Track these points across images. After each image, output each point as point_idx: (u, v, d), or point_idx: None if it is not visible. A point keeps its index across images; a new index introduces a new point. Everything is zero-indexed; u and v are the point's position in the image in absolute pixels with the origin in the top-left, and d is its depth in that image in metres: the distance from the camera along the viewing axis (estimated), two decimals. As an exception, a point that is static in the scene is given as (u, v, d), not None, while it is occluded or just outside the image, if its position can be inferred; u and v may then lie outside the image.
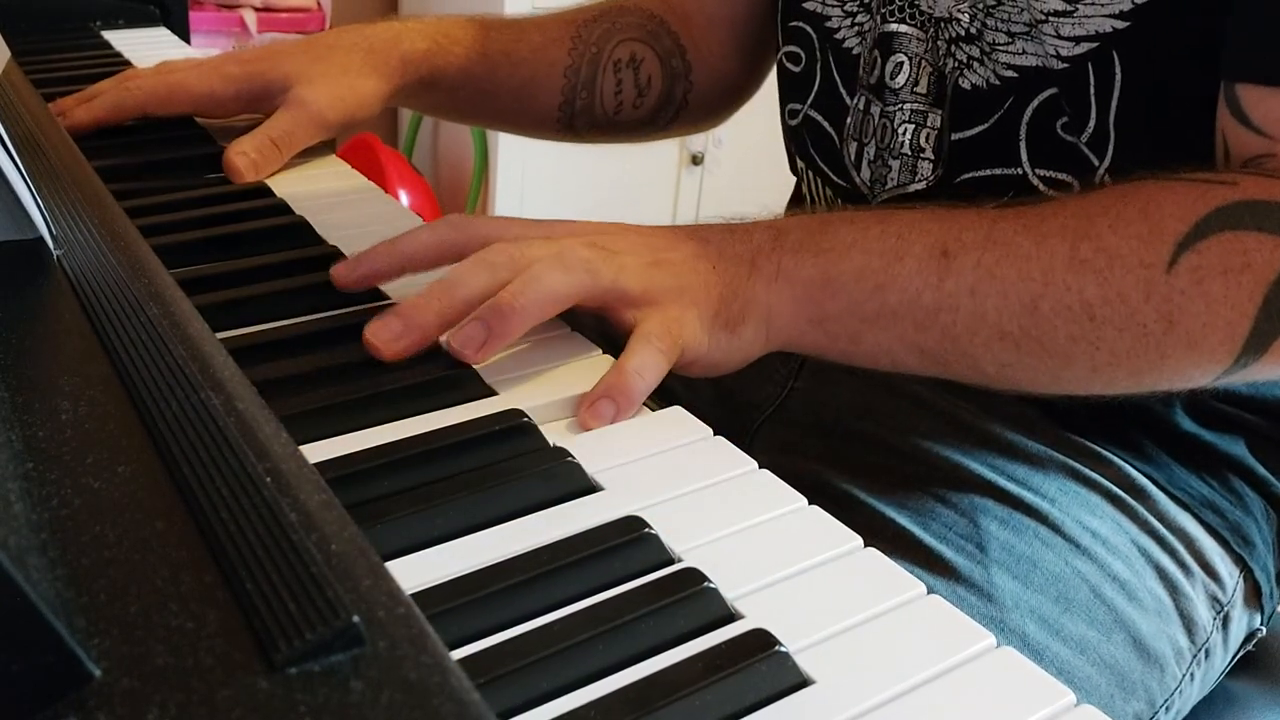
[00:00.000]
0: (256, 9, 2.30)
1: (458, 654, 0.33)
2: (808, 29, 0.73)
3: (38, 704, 0.24)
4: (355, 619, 0.25)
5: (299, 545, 0.28)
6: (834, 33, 0.72)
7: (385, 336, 0.48)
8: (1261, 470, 0.65)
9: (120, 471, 0.32)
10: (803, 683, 0.33)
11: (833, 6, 0.71)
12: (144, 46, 1.01)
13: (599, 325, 0.56)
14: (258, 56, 0.77)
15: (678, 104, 0.86)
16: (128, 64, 0.94)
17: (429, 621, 0.27)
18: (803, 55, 0.75)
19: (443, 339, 0.50)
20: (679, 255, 0.53)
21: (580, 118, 0.85)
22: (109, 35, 1.06)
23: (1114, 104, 0.59)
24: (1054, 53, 0.59)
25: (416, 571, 0.36)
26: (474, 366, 0.48)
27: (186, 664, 0.25)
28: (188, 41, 1.10)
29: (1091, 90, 0.59)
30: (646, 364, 0.49)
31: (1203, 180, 0.52)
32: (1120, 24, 0.57)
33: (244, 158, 0.70)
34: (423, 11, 2.49)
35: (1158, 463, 0.63)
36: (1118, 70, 0.58)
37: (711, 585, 0.36)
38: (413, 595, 0.30)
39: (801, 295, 0.54)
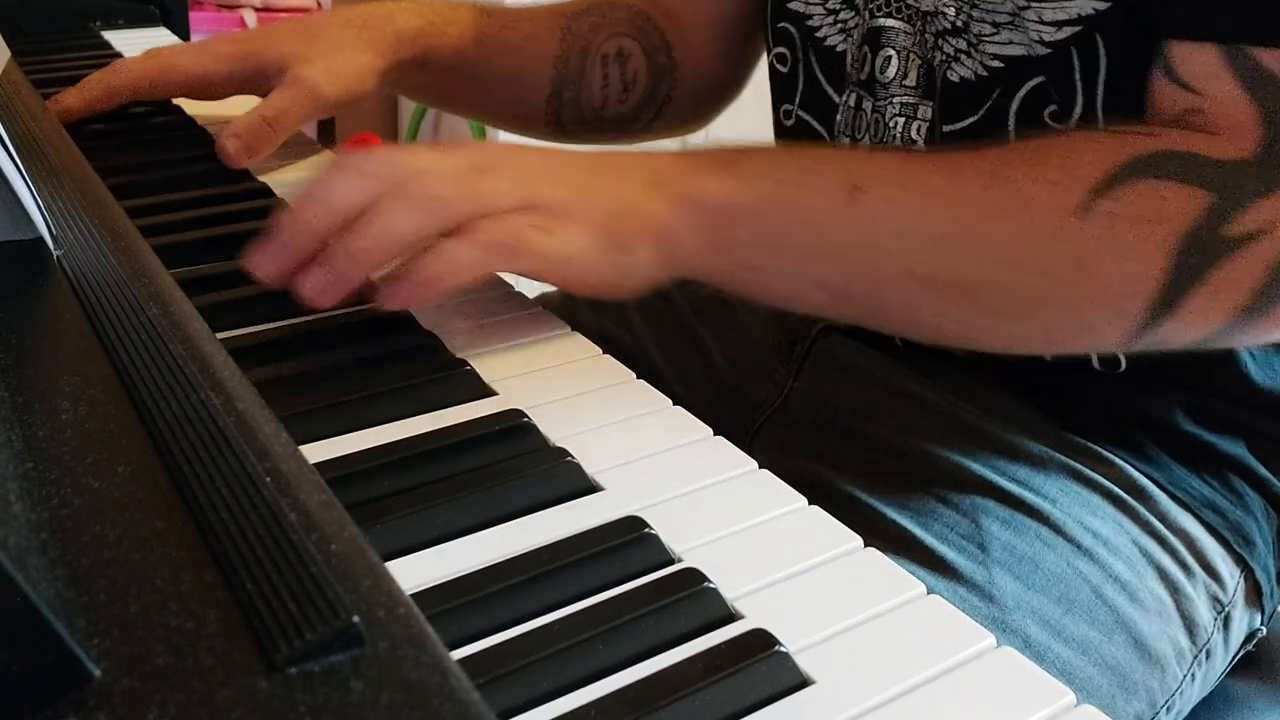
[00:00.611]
0: (256, 9, 2.30)
1: (458, 654, 0.33)
2: (792, 29, 0.74)
3: (38, 704, 0.24)
4: (355, 619, 0.25)
5: (299, 545, 0.28)
6: (815, 31, 0.72)
7: (315, 289, 0.47)
8: (1262, 470, 0.65)
9: (120, 471, 0.32)
10: (803, 683, 0.33)
11: (814, 5, 0.71)
12: (144, 47, 1.00)
13: (599, 325, 0.57)
14: (251, 37, 0.76)
15: (661, 101, 0.85)
16: (128, 64, 0.94)
17: (429, 622, 0.27)
18: (789, 56, 0.75)
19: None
20: (575, 173, 0.51)
21: (568, 110, 0.84)
22: (109, 35, 1.06)
23: (1100, 87, 0.59)
24: (1038, 39, 0.59)
25: (416, 571, 0.36)
26: (473, 367, 0.48)
27: (186, 664, 0.25)
28: (187, 41, 1.10)
29: (1077, 74, 0.59)
30: (457, 259, 0.48)
31: (1122, 130, 0.52)
32: (1101, 5, 0.57)
33: (235, 140, 0.69)
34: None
35: (1158, 463, 0.63)
36: (1101, 53, 0.58)
37: (711, 585, 0.36)
38: (413, 595, 0.30)
39: (706, 220, 0.51)
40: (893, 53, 0.66)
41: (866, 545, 0.40)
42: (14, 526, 0.28)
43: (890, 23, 0.66)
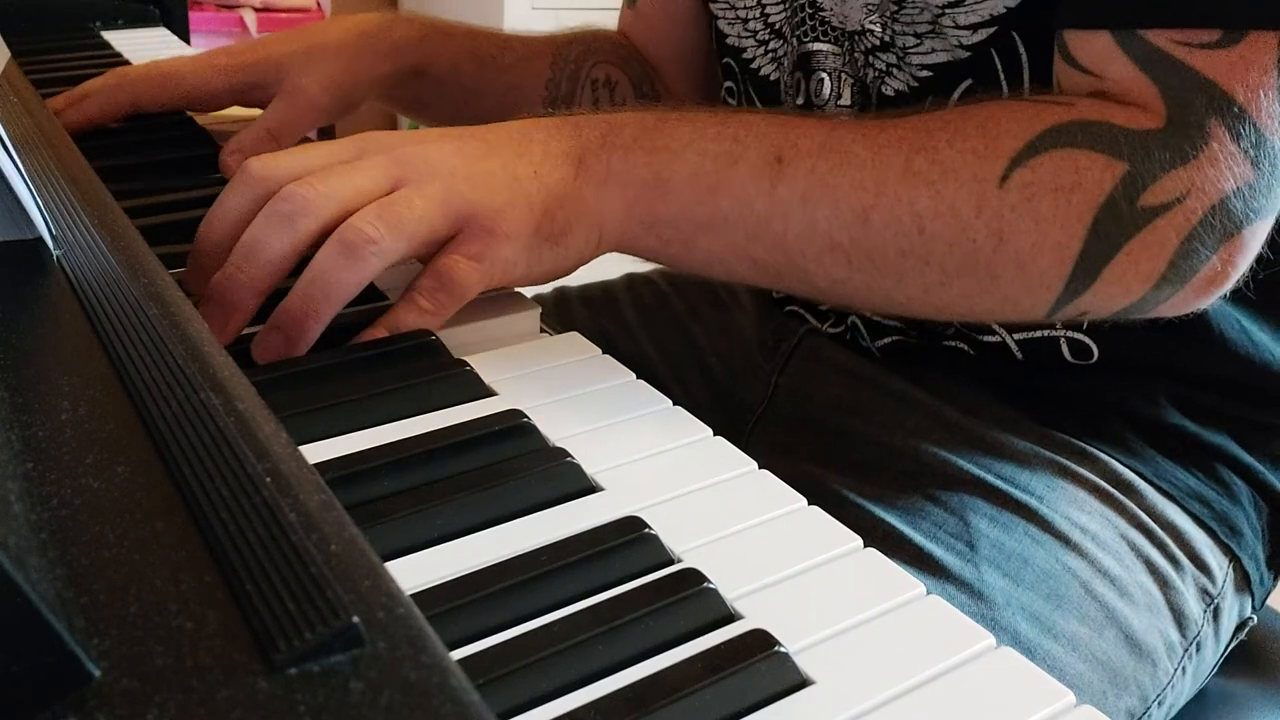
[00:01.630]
0: (256, 9, 2.30)
1: (457, 654, 0.33)
2: (733, 63, 0.74)
3: (37, 704, 0.24)
4: (355, 619, 0.25)
5: (298, 545, 0.28)
6: (750, 63, 0.72)
7: (215, 328, 0.47)
8: (1247, 457, 0.65)
9: (120, 471, 0.32)
10: (802, 683, 0.33)
11: (746, 38, 0.72)
12: (143, 47, 1.01)
13: (597, 325, 0.57)
14: (249, 47, 0.77)
15: None
16: (127, 64, 0.94)
17: (429, 622, 0.27)
18: (735, 88, 0.76)
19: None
20: (497, 163, 0.51)
21: None
22: (109, 35, 1.06)
23: (1025, 85, 0.59)
24: (957, 43, 0.60)
25: (416, 572, 0.36)
26: (472, 367, 0.48)
27: (186, 664, 0.25)
28: (187, 42, 1.10)
29: (1000, 73, 0.59)
30: (408, 320, 0.48)
31: (1041, 101, 0.52)
32: (1010, 2, 0.58)
33: (238, 156, 0.70)
34: (421, 11, 2.49)
35: (1144, 456, 0.63)
36: (1021, 49, 0.59)
37: (711, 585, 0.36)
38: (412, 596, 0.30)
39: (632, 197, 0.52)
40: (825, 75, 0.66)
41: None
42: (14, 527, 0.28)
43: (819, 46, 0.66)
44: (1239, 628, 0.67)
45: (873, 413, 0.67)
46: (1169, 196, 0.50)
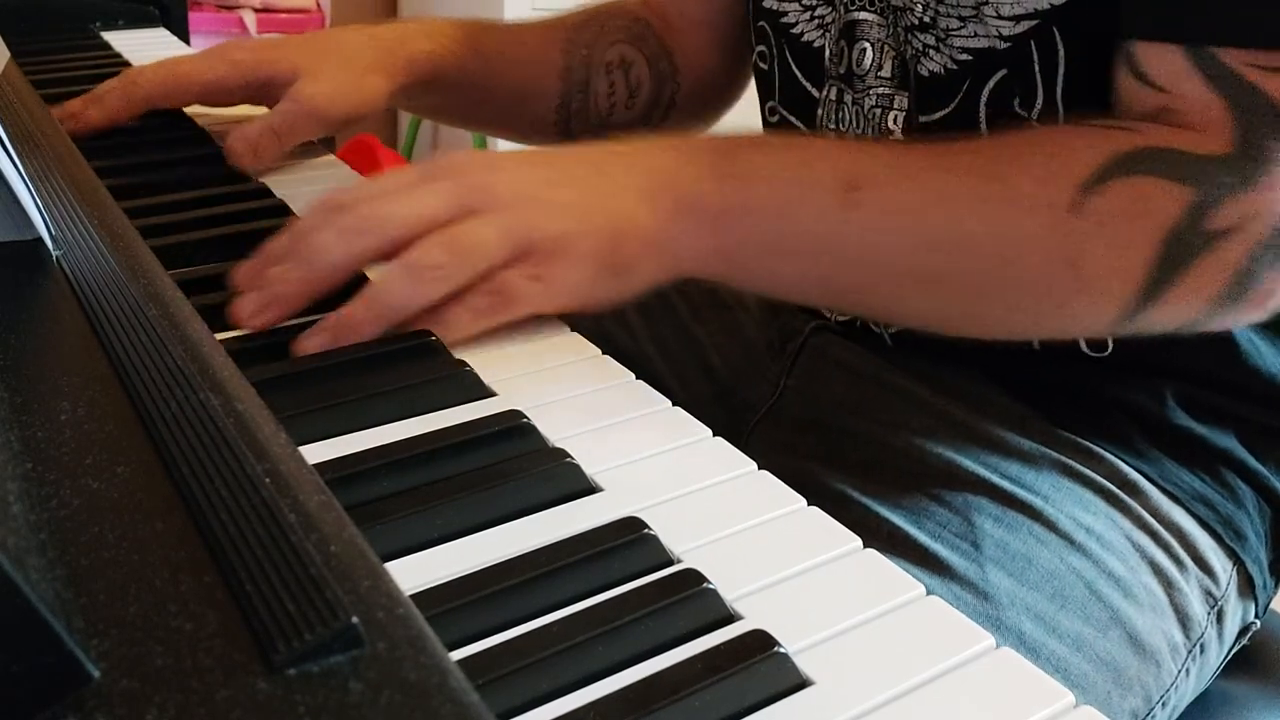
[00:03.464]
0: (256, 10, 2.30)
1: (457, 655, 0.33)
2: (768, 27, 0.74)
3: (37, 705, 0.24)
4: (354, 620, 0.25)
5: (298, 546, 0.28)
6: (790, 28, 0.72)
7: (246, 310, 0.49)
8: (1253, 462, 0.65)
9: (119, 472, 0.32)
10: (802, 684, 0.33)
11: (789, 3, 0.72)
12: (143, 47, 1.01)
13: (597, 326, 0.57)
14: (265, 46, 0.78)
15: (666, 104, 0.86)
16: (127, 65, 0.94)
17: (428, 622, 0.27)
18: (768, 53, 0.76)
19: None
20: (566, 194, 0.51)
21: (576, 119, 0.85)
22: (108, 36, 1.06)
23: (1059, 81, 0.60)
24: (996, 33, 0.60)
25: (415, 572, 0.36)
26: (473, 367, 0.48)
27: (185, 665, 0.25)
28: (187, 42, 1.10)
29: (1036, 68, 0.60)
30: (457, 323, 0.49)
31: (1109, 126, 0.53)
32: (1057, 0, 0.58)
33: (245, 142, 0.71)
34: (422, 13, 2.49)
35: (1149, 457, 0.63)
36: (1060, 47, 0.59)
37: (711, 586, 0.36)
38: (412, 596, 0.30)
39: (705, 226, 0.52)
40: (868, 45, 0.67)
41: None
42: (13, 527, 0.28)
43: (865, 16, 0.67)
44: (1242, 633, 0.67)
45: (878, 412, 0.67)
46: (1233, 220, 0.51)
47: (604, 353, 0.52)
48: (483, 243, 0.49)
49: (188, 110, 0.81)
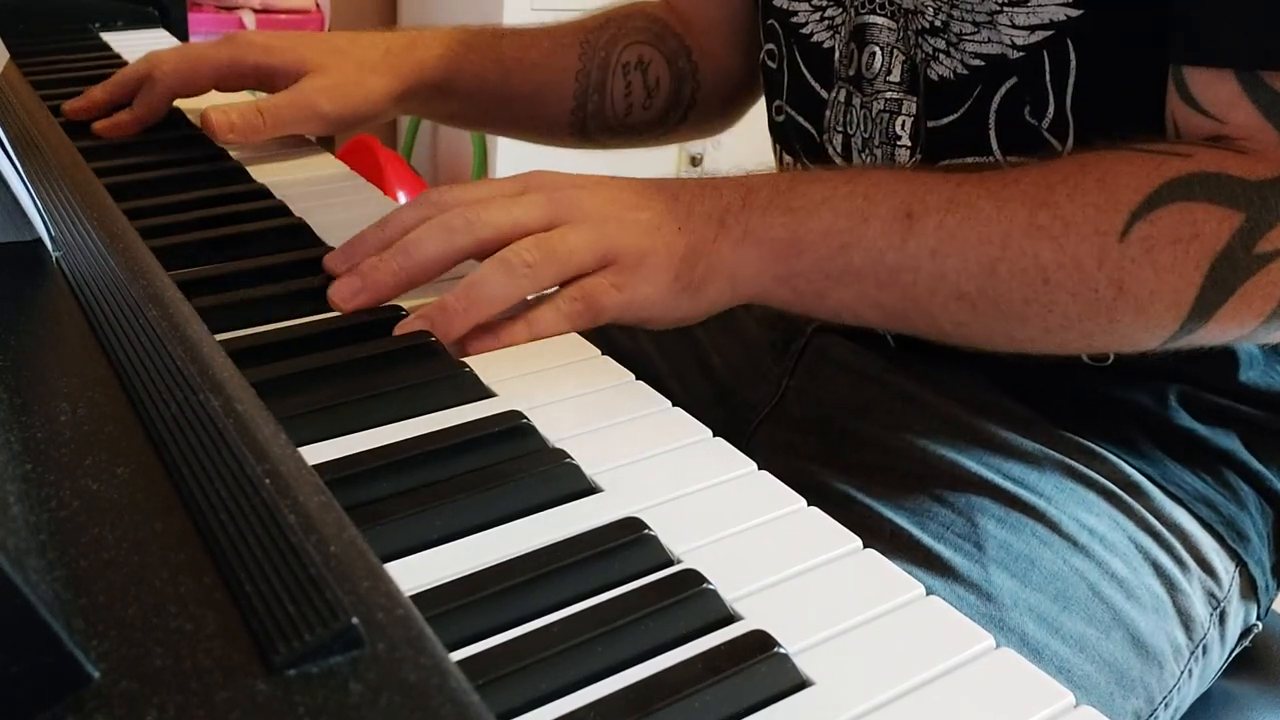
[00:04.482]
0: (255, 10, 2.30)
1: (457, 655, 0.33)
2: (777, 26, 0.75)
3: (37, 706, 0.24)
4: (354, 621, 0.25)
5: (298, 547, 0.28)
6: (800, 28, 0.73)
7: (344, 293, 0.52)
8: (1256, 465, 0.65)
9: (119, 473, 0.32)
10: (802, 684, 0.33)
11: (799, 3, 0.72)
12: (143, 48, 1.01)
13: (598, 327, 0.57)
14: (279, 37, 0.79)
15: (686, 104, 0.87)
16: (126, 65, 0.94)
17: (428, 623, 0.27)
18: (776, 52, 0.76)
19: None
20: (646, 215, 0.55)
21: (592, 121, 0.86)
22: (108, 37, 1.06)
23: (1069, 91, 0.60)
24: (1009, 42, 0.60)
25: (415, 573, 0.36)
26: (472, 367, 0.48)
27: (185, 666, 0.25)
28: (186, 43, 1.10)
29: (1047, 78, 0.60)
30: (541, 321, 0.53)
31: (1159, 151, 0.54)
32: (1073, 12, 0.58)
33: (223, 116, 0.73)
34: (422, 16, 2.49)
35: (1153, 459, 0.63)
36: (1072, 58, 0.59)
37: (711, 586, 0.36)
38: (412, 597, 0.30)
39: (768, 254, 0.56)
40: (877, 49, 0.67)
41: (864, 545, 0.40)
42: (13, 528, 0.28)
43: (875, 19, 0.67)
44: (1244, 634, 0.67)
45: (881, 413, 0.67)
46: None
47: (604, 353, 0.52)
48: (572, 249, 0.53)
49: (185, 107, 0.81)
